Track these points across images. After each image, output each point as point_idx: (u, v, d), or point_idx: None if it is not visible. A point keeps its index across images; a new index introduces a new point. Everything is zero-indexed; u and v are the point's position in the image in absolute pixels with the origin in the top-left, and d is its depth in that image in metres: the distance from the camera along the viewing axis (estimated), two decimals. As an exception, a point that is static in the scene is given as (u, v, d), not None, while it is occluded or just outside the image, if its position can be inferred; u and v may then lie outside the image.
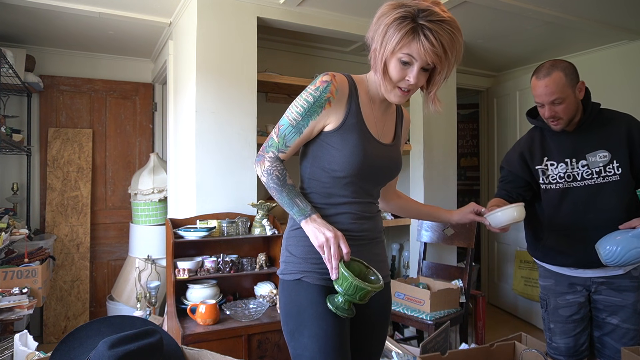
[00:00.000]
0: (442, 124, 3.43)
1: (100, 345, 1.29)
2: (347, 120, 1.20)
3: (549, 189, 1.77)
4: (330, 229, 1.13)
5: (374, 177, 1.26)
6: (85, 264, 3.58)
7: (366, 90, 1.26)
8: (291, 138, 1.20)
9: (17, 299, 2.20)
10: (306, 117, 1.18)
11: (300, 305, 1.19)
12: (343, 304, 1.13)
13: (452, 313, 2.64)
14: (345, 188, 1.22)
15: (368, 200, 1.28)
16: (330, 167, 1.20)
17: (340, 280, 1.10)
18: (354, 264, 1.18)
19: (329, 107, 1.18)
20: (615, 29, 3.10)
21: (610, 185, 1.70)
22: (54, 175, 3.54)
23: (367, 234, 1.28)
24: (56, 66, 3.63)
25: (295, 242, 1.25)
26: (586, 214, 1.71)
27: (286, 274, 1.25)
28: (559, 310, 1.81)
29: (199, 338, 2.14)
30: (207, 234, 2.41)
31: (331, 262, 1.12)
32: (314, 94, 1.18)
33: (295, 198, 1.18)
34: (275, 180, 1.19)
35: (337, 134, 1.19)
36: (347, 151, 1.18)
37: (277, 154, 1.21)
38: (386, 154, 1.27)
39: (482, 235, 4.49)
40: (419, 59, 1.11)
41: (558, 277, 1.81)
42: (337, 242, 1.12)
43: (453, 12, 2.90)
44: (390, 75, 1.15)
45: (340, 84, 1.19)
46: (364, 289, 1.09)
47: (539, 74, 1.69)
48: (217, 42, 2.60)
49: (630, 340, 1.74)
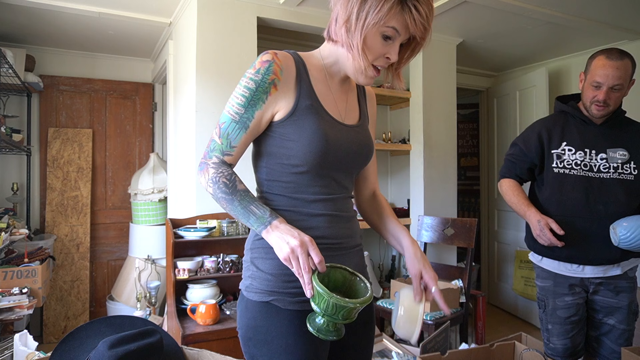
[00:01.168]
0: (442, 124, 3.43)
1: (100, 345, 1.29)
2: (299, 103, 1.00)
3: (563, 173, 1.77)
4: (296, 235, 0.91)
5: (342, 165, 1.06)
6: (85, 264, 3.58)
7: (319, 66, 1.07)
8: (236, 136, 1.00)
9: (17, 299, 2.20)
10: (250, 107, 0.98)
11: (268, 334, 0.99)
12: (325, 325, 0.91)
13: (452, 313, 2.64)
14: (313, 183, 1.03)
15: (343, 194, 1.09)
16: (290, 163, 1.01)
17: (316, 298, 0.89)
18: (336, 272, 0.97)
19: (275, 91, 0.99)
20: (615, 29, 3.10)
21: (625, 183, 1.73)
22: (54, 175, 3.54)
23: (347, 240, 1.09)
24: (56, 66, 3.63)
25: (262, 253, 1.03)
26: (596, 205, 1.72)
27: (251, 292, 1.03)
28: (557, 311, 1.81)
29: (199, 338, 2.14)
30: (207, 234, 2.41)
31: (302, 277, 0.90)
32: (255, 78, 0.98)
33: (250, 205, 0.96)
34: (223, 189, 0.97)
35: (290, 122, 1.00)
36: (305, 140, 0.99)
37: (222, 157, 1.00)
38: (353, 137, 1.07)
39: (482, 235, 4.49)
40: (402, 33, 0.96)
41: (557, 278, 1.81)
42: (305, 251, 0.90)
43: (453, 12, 2.92)
44: (367, 51, 0.97)
45: (284, 61, 1.00)
46: (345, 307, 0.87)
47: (610, 55, 1.69)
48: (217, 42, 2.60)
49: (625, 340, 1.75)
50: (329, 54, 1.07)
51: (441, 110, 3.42)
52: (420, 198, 3.34)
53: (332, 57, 1.06)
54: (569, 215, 1.76)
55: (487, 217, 4.47)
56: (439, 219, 3.06)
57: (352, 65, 1.00)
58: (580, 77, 1.83)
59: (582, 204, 1.74)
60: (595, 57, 1.74)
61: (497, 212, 4.30)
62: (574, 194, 1.75)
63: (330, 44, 1.06)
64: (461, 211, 5.28)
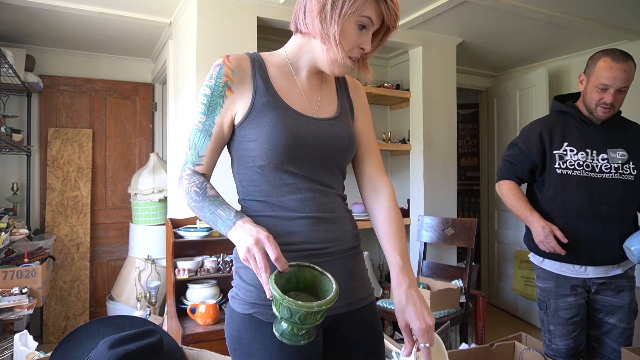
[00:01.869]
0: (442, 124, 3.43)
1: (100, 345, 1.29)
2: (256, 101, 0.97)
3: (566, 174, 1.76)
4: (253, 233, 0.85)
5: (315, 161, 0.99)
6: (85, 264, 3.58)
7: (283, 62, 1.04)
8: (202, 145, 0.98)
9: (17, 299, 2.20)
10: (209, 114, 0.97)
11: (252, 346, 0.95)
12: (289, 329, 0.85)
13: (452, 313, 2.64)
14: (285, 182, 0.98)
15: (322, 192, 1.01)
16: (256, 164, 0.97)
17: (275, 301, 0.83)
18: (305, 271, 0.90)
19: (231, 93, 0.97)
20: (615, 29, 3.10)
21: (625, 183, 1.74)
22: (54, 175, 3.54)
23: (333, 244, 1.00)
24: (56, 66, 3.63)
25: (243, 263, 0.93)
26: (599, 205, 1.72)
27: (236, 302, 0.99)
28: (559, 312, 1.80)
29: (199, 338, 2.14)
30: (207, 233, 2.41)
31: (261, 277, 0.84)
32: (209, 83, 0.97)
33: (218, 209, 0.92)
34: (194, 197, 0.94)
35: (249, 122, 0.97)
36: (264, 137, 0.94)
37: (194, 168, 1.00)
38: (325, 130, 1.01)
39: (482, 235, 4.49)
40: (376, 23, 0.95)
41: (559, 279, 1.81)
42: (261, 248, 0.84)
43: (453, 12, 2.92)
44: (344, 42, 0.94)
45: (236, 62, 0.98)
46: (299, 311, 0.80)
47: (615, 57, 1.68)
48: (217, 42, 2.60)
49: (626, 339, 1.76)
50: (294, 48, 1.04)
51: (441, 110, 3.42)
52: (420, 198, 3.34)
53: (298, 51, 1.03)
54: (572, 216, 1.75)
55: (487, 217, 4.47)
56: (439, 219, 3.06)
57: (327, 56, 0.97)
58: (580, 78, 1.82)
59: (585, 204, 1.73)
60: (599, 58, 1.72)
61: (497, 212, 4.30)
62: (578, 194, 1.74)
63: (298, 36, 1.03)
64: (461, 211, 5.28)
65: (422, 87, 3.31)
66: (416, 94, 3.36)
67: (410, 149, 3.40)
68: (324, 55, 0.97)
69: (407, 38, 3.22)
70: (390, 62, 3.87)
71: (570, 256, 1.75)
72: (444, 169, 3.43)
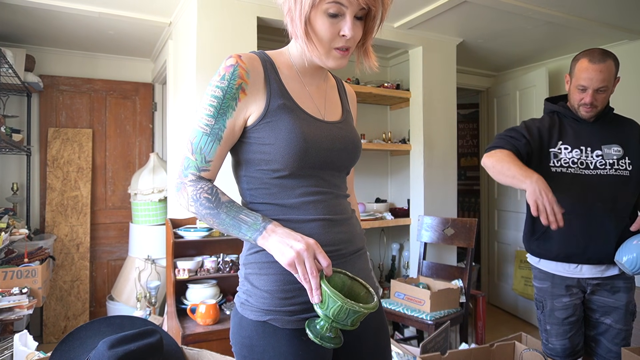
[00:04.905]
0: (442, 124, 3.43)
1: (100, 345, 1.29)
2: (271, 104, 0.95)
3: (560, 172, 1.76)
4: (299, 239, 0.86)
5: (328, 163, 0.99)
6: (85, 264, 3.58)
7: (289, 64, 1.02)
8: (210, 149, 0.94)
9: (17, 299, 2.20)
10: (220, 117, 0.93)
11: (265, 354, 0.93)
12: (328, 331, 0.86)
13: (452, 313, 2.64)
14: (298, 185, 0.97)
15: (333, 194, 1.02)
16: (270, 168, 0.95)
17: (325, 303, 0.84)
18: (335, 276, 0.92)
19: (245, 96, 0.93)
20: (615, 29, 3.11)
21: (621, 179, 1.74)
22: (54, 175, 3.54)
23: (345, 246, 1.01)
24: (56, 66, 3.64)
25: (257, 269, 0.96)
26: (594, 202, 1.72)
27: (247, 309, 0.96)
28: (555, 312, 1.81)
29: (199, 338, 2.14)
30: (207, 233, 2.41)
31: (309, 282, 0.84)
32: (221, 85, 0.92)
33: (239, 214, 0.90)
34: (206, 204, 0.91)
35: (264, 125, 0.94)
36: (282, 142, 0.92)
37: (199, 174, 0.95)
38: (336, 134, 1.01)
39: (482, 235, 4.49)
40: (349, 6, 0.89)
41: (554, 280, 1.81)
42: (311, 254, 0.85)
43: (453, 12, 2.92)
44: (319, 36, 0.91)
45: (249, 63, 0.95)
46: (358, 312, 0.83)
47: (592, 58, 1.68)
48: (217, 42, 2.60)
49: (622, 340, 1.75)
50: (295, 51, 1.02)
51: (441, 110, 3.42)
52: (420, 198, 3.34)
53: (298, 53, 1.01)
54: (566, 214, 1.74)
55: (487, 217, 4.47)
56: (439, 219, 3.06)
57: (311, 53, 0.95)
58: (566, 79, 1.84)
59: (580, 202, 1.73)
60: (579, 59, 1.73)
61: (497, 212, 4.30)
62: (572, 192, 1.75)
63: (293, 39, 1.01)
64: (461, 211, 5.28)
65: (422, 87, 3.31)
66: (416, 94, 3.36)
67: (410, 149, 3.40)
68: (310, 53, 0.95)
69: (407, 38, 3.22)
70: (390, 62, 3.87)
71: (566, 254, 1.75)
72: (444, 169, 3.43)
